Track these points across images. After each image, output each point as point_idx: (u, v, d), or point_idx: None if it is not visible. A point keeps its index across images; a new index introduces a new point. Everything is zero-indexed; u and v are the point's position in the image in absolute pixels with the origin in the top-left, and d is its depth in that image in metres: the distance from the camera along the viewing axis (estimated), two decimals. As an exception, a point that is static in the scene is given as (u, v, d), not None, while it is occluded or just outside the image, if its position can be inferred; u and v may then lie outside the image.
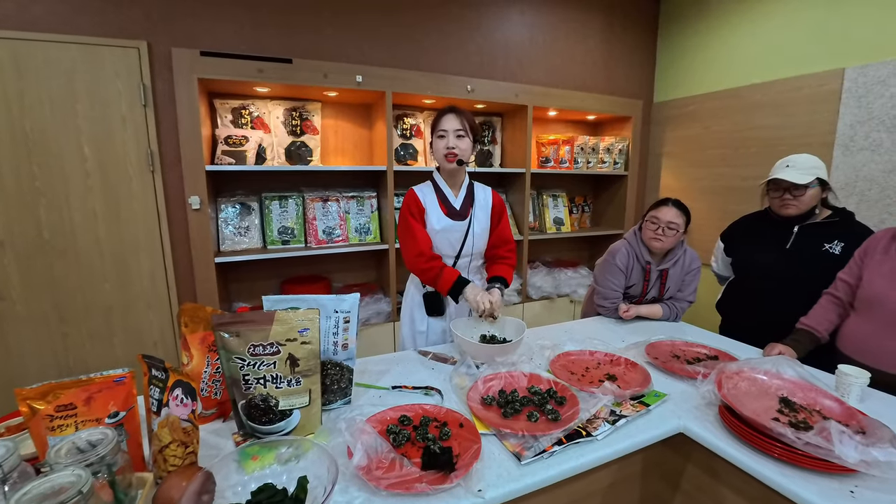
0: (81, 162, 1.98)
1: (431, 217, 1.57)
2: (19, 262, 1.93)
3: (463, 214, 1.61)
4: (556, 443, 0.95)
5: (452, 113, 1.53)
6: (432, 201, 1.60)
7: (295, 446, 0.85)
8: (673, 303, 1.85)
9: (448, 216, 1.59)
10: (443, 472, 0.83)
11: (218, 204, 2.35)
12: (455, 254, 1.63)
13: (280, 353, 0.92)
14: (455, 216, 1.60)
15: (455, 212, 1.60)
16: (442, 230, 1.58)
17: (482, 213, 1.65)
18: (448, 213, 1.59)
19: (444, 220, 1.58)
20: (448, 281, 1.48)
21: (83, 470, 0.65)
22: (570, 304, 3.15)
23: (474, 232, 1.62)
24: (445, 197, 1.61)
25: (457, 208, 1.61)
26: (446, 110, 1.54)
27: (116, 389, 0.83)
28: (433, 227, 1.57)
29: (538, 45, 3.01)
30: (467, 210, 1.62)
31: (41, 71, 1.87)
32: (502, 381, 1.19)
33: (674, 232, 1.73)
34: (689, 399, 1.19)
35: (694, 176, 3.26)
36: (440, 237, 1.59)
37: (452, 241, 1.61)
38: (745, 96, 2.90)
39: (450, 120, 1.52)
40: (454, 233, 1.60)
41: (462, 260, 1.65)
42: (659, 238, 1.75)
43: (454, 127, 1.51)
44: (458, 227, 1.60)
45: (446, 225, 1.58)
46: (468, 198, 1.64)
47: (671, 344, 1.53)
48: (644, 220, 1.82)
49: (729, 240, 1.91)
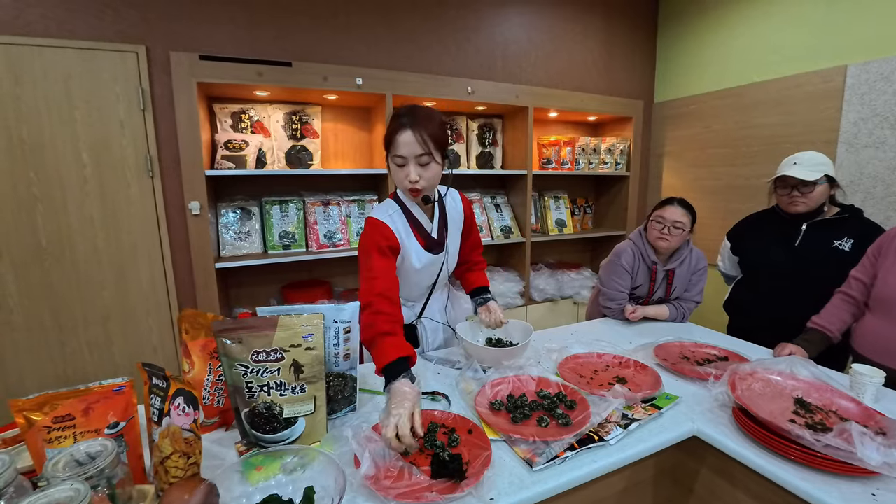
0: (79, 167, 1.96)
1: (412, 256, 1.26)
2: (16, 270, 1.91)
3: (441, 242, 1.32)
4: (567, 448, 0.93)
5: (411, 130, 1.09)
6: (409, 236, 1.26)
7: (300, 455, 0.83)
8: (680, 303, 1.82)
9: (427, 249, 1.29)
10: (453, 481, 0.81)
11: (218, 209, 2.33)
12: (430, 284, 1.40)
13: (284, 360, 0.89)
14: (434, 247, 1.30)
15: (433, 242, 1.31)
16: (422, 268, 1.30)
17: (455, 228, 1.38)
18: (426, 246, 1.29)
19: (425, 257, 1.28)
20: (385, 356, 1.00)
21: (81, 484, 0.62)
22: (574, 306, 3.12)
23: (449, 257, 1.37)
24: (421, 225, 1.28)
25: (434, 237, 1.31)
26: (403, 123, 1.11)
27: (115, 399, 0.80)
28: (412, 267, 1.27)
29: (537, 46, 3.00)
30: (444, 233, 1.33)
31: (38, 76, 1.85)
32: (510, 385, 1.16)
33: (680, 231, 1.71)
34: (702, 401, 1.16)
35: (696, 175, 3.25)
36: (420, 275, 1.32)
37: (430, 274, 1.36)
38: (745, 95, 2.89)
39: (407, 142, 1.10)
40: (433, 267, 1.34)
41: (438, 285, 1.43)
42: (665, 238, 1.72)
43: (415, 152, 1.10)
44: (437, 259, 1.32)
45: (427, 261, 1.29)
46: (441, 217, 1.34)
47: (680, 345, 1.50)
48: (649, 219, 1.80)
49: (736, 239, 1.88)
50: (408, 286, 1.35)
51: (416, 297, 1.44)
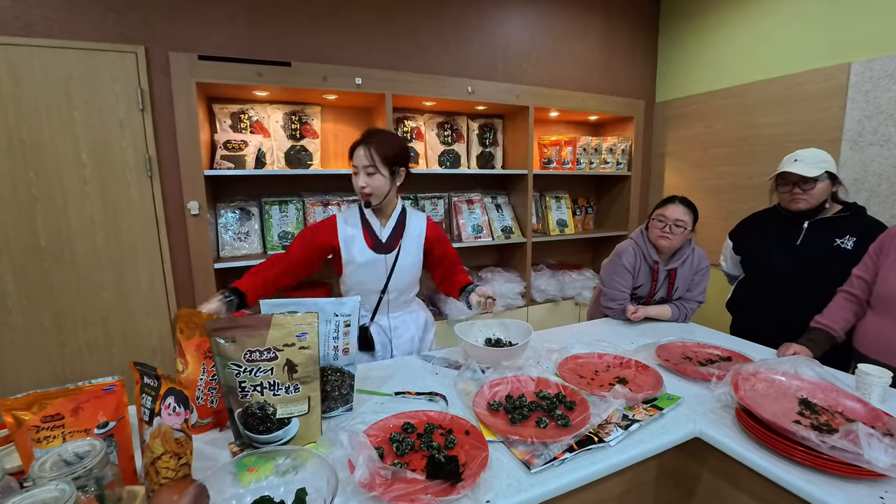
0: (79, 168, 1.95)
1: (353, 250, 1.45)
2: (15, 271, 1.90)
3: (389, 247, 1.48)
4: (566, 450, 0.91)
5: (363, 146, 1.37)
6: (356, 232, 1.46)
7: (293, 457, 0.81)
8: (682, 303, 1.80)
9: (372, 248, 1.46)
10: (449, 483, 0.79)
11: (217, 209, 2.33)
12: (380, 289, 1.50)
13: (277, 359, 0.88)
14: (380, 249, 1.47)
15: (380, 244, 1.47)
16: (364, 263, 1.45)
17: (412, 244, 1.52)
18: (373, 246, 1.46)
19: (367, 253, 1.45)
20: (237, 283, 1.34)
21: (67, 484, 0.61)
22: (576, 306, 3.10)
23: (401, 266, 1.50)
24: (371, 228, 1.47)
25: (382, 240, 1.47)
26: (359, 140, 1.40)
27: (106, 399, 0.79)
28: (354, 260, 1.45)
29: (538, 45, 2.99)
30: (395, 242, 1.49)
31: (38, 77, 1.85)
32: (509, 385, 1.15)
33: (681, 230, 1.69)
34: (704, 402, 1.14)
35: (697, 175, 3.23)
36: (363, 271, 1.46)
37: (376, 276, 1.48)
38: (747, 94, 2.87)
39: (359, 155, 1.37)
40: (377, 267, 1.47)
41: (390, 295, 1.53)
42: (666, 236, 1.70)
43: (363, 164, 1.36)
44: (381, 260, 1.47)
45: (368, 258, 1.45)
46: (398, 228, 1.50)
47: (682, 345, 1.48)
48: (650, 218, 1.78)
49: (738, 238, 1.87)
50: (357, 285, 1.50)
51: (365, 301, 1.52)
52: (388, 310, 1.57)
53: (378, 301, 1.52)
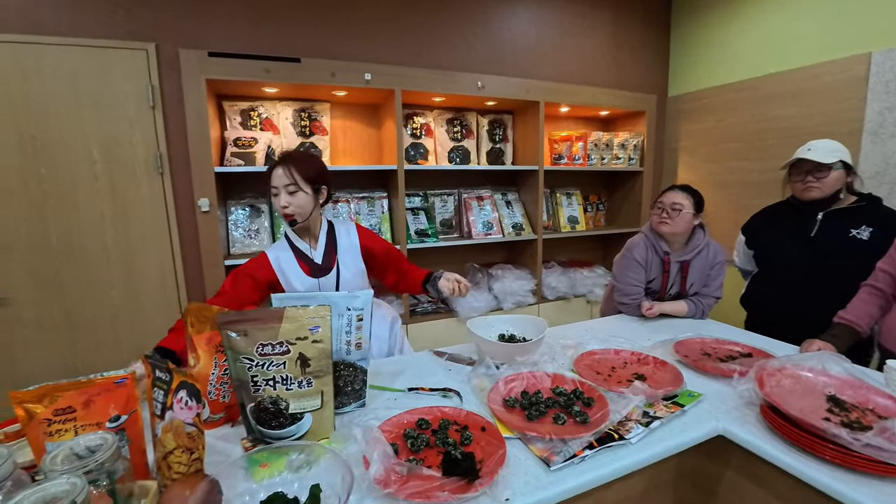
0: (90, 165, 1.96)
1: (291, 281, 1.41)
2: (27, 267, 1.91)
3: (326, 268, 1.45)
4: (586, 447, 0.88)
5: (280, 166, 1.35)
6: (289, 263, 1.42)
7: (307, 452, 0.80)
8: (699, 299, 1.76)
9: (310, 275, 1.43)
10: (466, 480, 0.77)
11: (227, 206, 2.32)
12: None
13: (290, 353, 0.86)
14: (318, 272, 1.44)
15: (317, 267, 1.44)
16: (307, 290, 1.42)
17: (349, 256, 1.49)
18: (310, 272, 1.43)
19: (308, 281, 1.43)
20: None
21: (78, 478, 0.60)
22: (587, 304, 3.06)
23: (344, 281, 1.47)
24: (303, 253, 1.44)
25: (319, 262, 1.44)
26: (277, 161, 1.38)
27: (117, 392, 0.78)
28: (296, 290, 1.41)
29: (546, 40, 2.95)
30: (331, 260, 1.46)
31: (47, 74, 1.86)
32: (524, 381, 1.12)
33: (678, 212, 1.67)
34: (726, 399, 1.11)
35: (710, 170, 3.17)
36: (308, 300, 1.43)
37: None
38: (762, 87, 2.81)
39: (279, 175, 1.35)
40: (323, 289, 1.44)
41: None
42: (665, 221, 1.69)
43: (283, 183, 1.34)
44: (324, 282, 1.44)
45: (309, 285, 1.43)
46: (330, 245, 1.47)
47: (701, 341, 1.44)
48: (652, 210, 1.78)
49: (750, 232, 1.84)
50: None
51: None
52: None
53: None
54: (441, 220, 2.79)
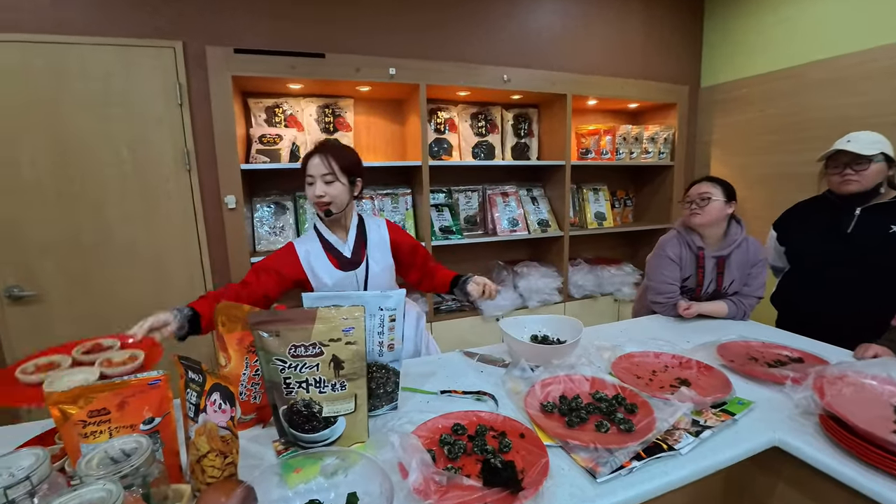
0: (119, 163, 1.98)
1: (320, 274, 1.38)
2: (59, 266, 1.95)
3: (356, 262, 1.42)
4: (633, 457, 0.83)
5: (317, 155, 1.34)
6: (318, 256, 1.40)
7: (341, 457, 0.77)
8: (739, 299, 1.68)
9: (339, 268, 1.40)
10: (508, 491, 0.73)
11: (253, 204, 2.33)
12: None
13: (323, 355, 0.83)
14: (347, 266, 1.41)
15: (347, 261, 1.41)
16: (335, 285, 1.39)
17: (378, 251, 1.46)
18: (339, 265, 1.40)
19: (336, 274, 1.39)
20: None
21: (114, 484, 0.58)
22: (614, 303, 2.98)
23: (373, 275, 1.44)
24: (332, 246, 1.41)
25: (348, 256, 1.42)
26: (313, 150, 1.36)
27: (151, 393, 0.76)
28: (325, 284, 1.38)
29: (573, 30, 2.86)
30: (360, 254, 1.43)
31: (78, 74, 1.88)
32: (562, 385, 1.08)
33: (708, 202, 1.61)
34: (779, 407, 1.04)
35: (746, 164, 3.03)
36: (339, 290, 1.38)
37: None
38: (804, 75, 2.67)
39: (315, 164, 1.33)
40: (349, 285, 1.42)
41: None
42: (696, 212, 1.64)
43: (320, 172, 1.32)
44: (351, 276, 1.41)
45: (339, 278, 1.39)
46: (360, 238, 1.45)
47: (745, 345, 1.37)
48: (682, 205, 1.73)
49: (783, 228, 1.76)
50: None
51: None
52: None
53: None
54: (465, 217, 2.74)
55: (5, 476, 0.62)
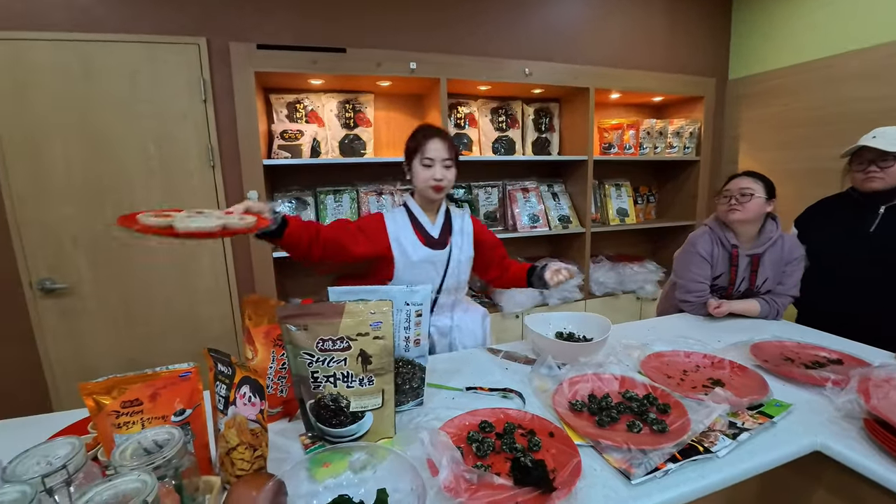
0: (146, 159, 2.01)
1: (406, 248, 1.38)
2: (90, 259, 1.99)
3: (442, 243, 1.44)
4: (668, 459, 0.80)
5: (439, 138, 1.35)
6: (406, 230, 1.41)
7: (370, 453, 0.76)
8: (772, 298, 1.62)
9: (426, 245, 1.41)
10: (540, 491, 0.71)
11: (275, 199, 2.34)
12: (436, 288, 1.44)
13: (351, 349, 0.83)
14: (433, 245, 1.42)
15: (433, 240, 1.42)
16: (420, 261, 1.39)
17: (462, 240, 1.47)
18: (426, 243, 1.41)
19: (422, 250, 1.40)
20: None
21: (149, 475, 0.58)
22: (636, 301, 2.92)
23: (458, 261, 1.45)
24: (421, 225, 1.43)
25: (435, 237, 1.43)
26: (431, 133, 1.36)
27: (182, 385, 0.77)
28: (409, 259, 1.38)
29: (596, 22, 2.80)
30: (446, 238, 1.45)
31: (106, 71, 1.91)
32: (590, 384, 1.05)
33: (749, 198, 1.54)
34: (819, 410, 1.00)
35: (776, 159, 2.93)
36: (419, 269, 1.40)
37: (431, 274, 1.43)
38: (839, 66, 2.56)
39: (437, 148, 1.34)
40: (434, 263, 1.42)
41: (443, 296, 1.46)
42: (734, 208, 1.56)
43: (442, 156, 1.34)
44: (437, 256, 1.42)
45: (424, 255, 1.40)
46: (446, 224, 1.47)
47: (780, 345, 1.32)
48: (717, 200, 1.66)
49: (804, 225, 1.72)
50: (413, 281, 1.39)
51: None
52: (445, 310, 1.51)
53: (434, 301, 1.47)
54: (485, 213, 2.72)
55: (42, 464, 0.63)
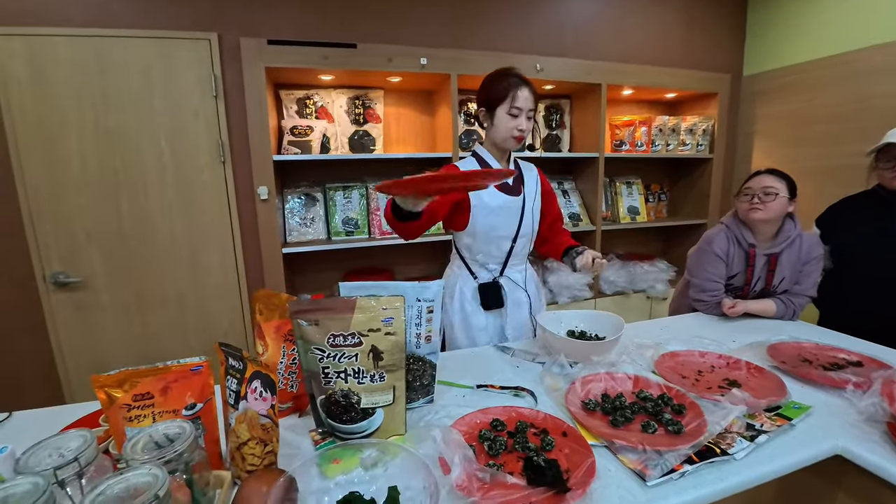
0: (158, 155, 2.02)
1: (482, 195, 1.36)
2: (103, 253, 2.01)
3: (516, 190, 1.43)
4: (684, 460, 0.79)
5: (528, 88, 1.31)
6: None
7: (380, 450, 0.75)
8: (789, 298, 1.59)
9: (501, 191, 1.40)
10: (554, 491, 0.70)
11: (284, 195, 2.35)
12: (513, 235, 1.43)
13: (362, 345, 0.82)
14: (509, 191, 1.41)
15: (508, 187, 1.42)
16: (498, 207, 1.38)
17: (532, 190, 1.47)
18: (501, 189, 1.40)
19: (500, 197, 1.38)
20: None
21: (160, 469, 0.58)
22: (647, 300, 2.89)
23: (532, 209, 1.45)
24: None
25: (509, 183, 1.42)
26: (521, 81, 1.31)
27: (193, 379, 0.76)
28: (488, 205, 1.37)
29: (608, 17, 2.76)
30: (519, 186, 1.45)
31: (120, 67, 1.92)
32: (603, 383, 1.03)
33: (773, 197, 1.50)
34: (839, 413, 0.97)
35: (793, 157, 2.88)
36: (497, 216, 1.39)
37: (508, 220, 1.42)
38: (860, 61, 2.50)
39: (527, 97, 1.30)
40: (511, 210, 1.41)
41: (520, 242, 1.45)
42: (756, 207, 1.51)
43: (528, 106, 1.31)
44: (514, 202, 1.41)
45: (502, 201, 1.38)
46: (518, 177, 1.48)
47: (797, 346, 1.29)
48: (738, 198, 1.61)
49: (827, 225, 1.69)
50: (488, 231, 1.40)
51: (493, 252, 1.45)
52: (519, 261, 1.51)
53: (510, 250, 1.45)
54: (494, 210, 2.70)
55: (55, 456, 0.63)
